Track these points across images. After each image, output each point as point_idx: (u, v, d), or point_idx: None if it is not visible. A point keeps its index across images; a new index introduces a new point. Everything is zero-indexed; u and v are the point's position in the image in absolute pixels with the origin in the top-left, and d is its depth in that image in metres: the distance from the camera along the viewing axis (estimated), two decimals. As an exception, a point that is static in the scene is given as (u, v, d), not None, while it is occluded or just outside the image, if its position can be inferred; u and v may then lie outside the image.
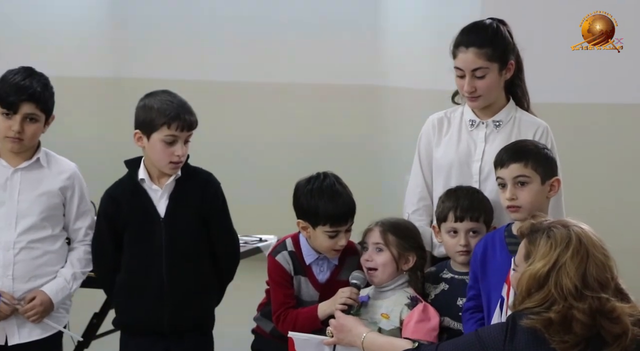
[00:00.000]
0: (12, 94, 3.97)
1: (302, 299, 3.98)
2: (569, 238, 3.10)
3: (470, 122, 4.12)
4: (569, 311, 3.02)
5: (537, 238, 3.15)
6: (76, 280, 4.16)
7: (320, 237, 3.92)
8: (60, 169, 4.15)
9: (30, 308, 4.04)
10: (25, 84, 3.99)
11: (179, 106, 4.07)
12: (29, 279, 4.06)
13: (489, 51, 3.97)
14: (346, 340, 3.62)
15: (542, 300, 3.06)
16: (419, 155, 4.21)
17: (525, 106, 4.16)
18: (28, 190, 4.06)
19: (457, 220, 3.89)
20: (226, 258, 4.22)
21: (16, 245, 4.04)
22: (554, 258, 3.08)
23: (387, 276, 3.87)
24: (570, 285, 3.03)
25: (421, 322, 3.74)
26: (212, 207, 4.13)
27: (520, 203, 3.69)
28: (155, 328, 4.09)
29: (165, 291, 4.05)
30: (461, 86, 4.04)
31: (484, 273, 3.76)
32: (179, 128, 4.03)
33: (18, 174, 4.06)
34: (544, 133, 4.07)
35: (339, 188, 3.93)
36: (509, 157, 3.74)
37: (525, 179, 3.70)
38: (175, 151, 4.03)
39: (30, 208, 4.05)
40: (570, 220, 3.19)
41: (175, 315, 4.07)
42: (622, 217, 6.83)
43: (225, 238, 4.20)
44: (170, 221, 4.06)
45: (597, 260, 3.08)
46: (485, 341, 3.13)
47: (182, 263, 4.06)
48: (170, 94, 4.12)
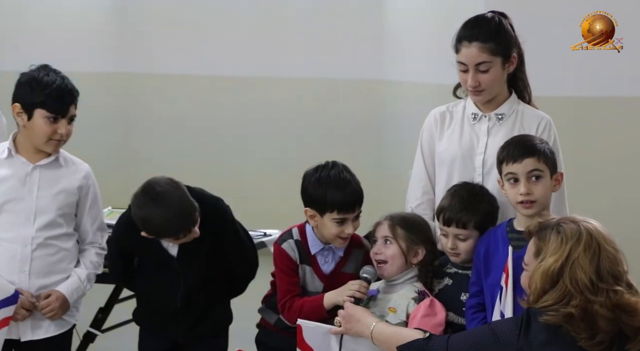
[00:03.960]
0: (61, 99, 4.01)
1: (307, 289, 4.00)
2: (579, 232, 3.10)
3: (473, 116, 4.12)
4: (589, 306, 3.01)
5: (547, 234, 3.14)
6: (90, 281, 4.20)
7: (327, 225, 3.93)
8: (76, 168, 4.17)
9: (47, 304, 4.06)
10: (68, 87, 4.04)
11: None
12: (44, 275, 4.08)
13: (492, 45, 3.97)
14: (354, 330, 3.62)
15: (559, 297, 3.05)
16: (422, 148, 4.21)
17: (527, 99, 4.16)
18: (47, 187, 4.08)
19: (445, 224, 3.90)
20: (241, 278, 4.29)
21: (34, 240, 4.05)
22: (566, 253, 3.07)
23: (396, 269, 3.89)
24: (585, 278, 3.03)
25: (427, 317, 3.75)
26: (223, 235, 4.16)
27: (535, 198, 3.69)
28: (169, 337, 4.21)
29: (181, 311, 4.14)
30: (464, 80, 4.04)
31: (487, 270, 3.76)
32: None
33: (37, 171, 4.07)
34: (547, 126, 4.06)
35: (347, 176, 3.95)
36: (522, 152, 3.73)
37: (540, 173, 3.70)
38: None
39: (49, 205, 4.07)
40: (577, 217, 3.19)
41: (190, 329, 4.17)
42: (622, 210, 6.84)
43: (240, 259, 4.25)
44: (183, 261, 4.10)
45: (609, 254, 3.08)
46: (499, 335, 3.12)
47: (199, 290, 4.14)
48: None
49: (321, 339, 3.70)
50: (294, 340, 3.79)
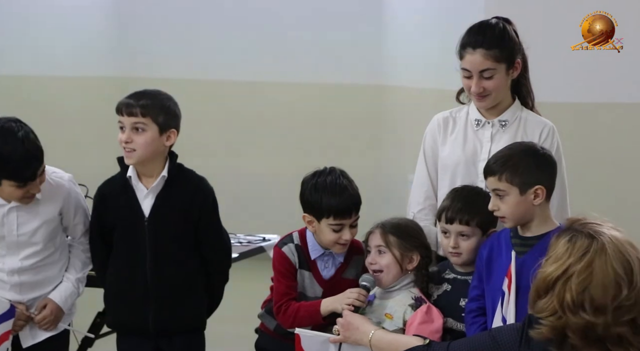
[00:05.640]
0: (25, 169, 3.90)
1: (306, 295, 3.99)
2: (586, 251, 2.96)
3: (476, 122, 4.11)
4: (565, 325, 2.93)
5: (562, 236, 3.07)
6: (81, 282, 4.20)
7: (325, 231, 3.93)
8: (54, 192, 4.08)
9: (42, 319, 4.08)
10: (31, 152, 3.92)
11: (135, 94, 4.05)
12: (36, 290, 4.10)
13: (496, 52, 3.96)
14: (353, 338, 3.61)
15: (552, 310, 3.01)
16: (424, 153, 4.20)
17: (530, 105, 4.15)
18: (26, 224, 4.04)
19: (447, 222, 3.88)
20: (217, 262, 4.22)
21: (21, 269, 4.06)
22: (564, 267, 3.00)
23: (391, 278, 3.87)
24: (569, 299, 2.92)
25: (424, 324, 3.74)
26: (201, 212, 4.11)
27: (502, 214, 3.69)
28: (141, 329, 4.11)
29: (149, 291, 4.06)
30: (468, 87, 4.03)
31: (489, 274, 3.75)
32: (120, 112, 4.02)
33: (14, 211, 4.02)
34: (550, 133, 4.06)
35: (344, 182, 3.94)
36: (487, 169, 3.74)
37: (501, 192, 3.68)
38: (120, 137, 4.02)
39: (31, 239, 4.05)
40: (608, 228, 3.03)
41: (160, 316, 4.09)
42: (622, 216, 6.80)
43: (214, 242, 4.19)
44: (154, 220, 4.06)
45: (603, 282, 2.91)
46: (500, 342, 3.09)
47: (166, 264, 4.07)
48: (146, 90, 4.10)
49: (319, 348, 3.69)
50: (293, 346, 3.77)
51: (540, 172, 3.71)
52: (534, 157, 3.73)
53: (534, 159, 3.72)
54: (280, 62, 8.75)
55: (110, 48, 9.00)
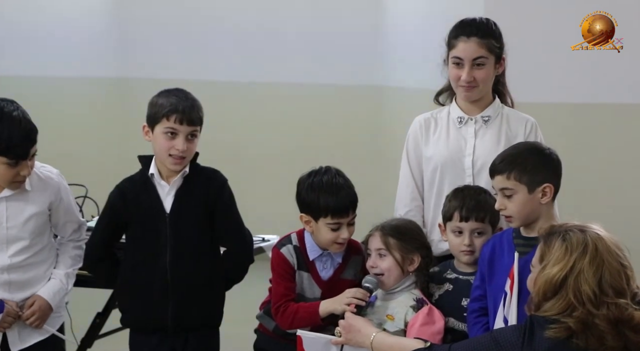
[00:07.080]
0: (19, 146, 3.94)
1: (305, 296, 3.99)
2: (585, 243, 3.07)
3: (459, 119, 4.17)
4: (589, 318, 3.00)
5: (553, 240, 3.12)
6: (70, 278, 4.21)
7: (322, 230, 3.93)
8: (44, 185, 4.12)
9: (31, 315, 4.08)
10: (25, 131, 3.97)
11: (183, 100, 4.06)
12: (25, 288, 4.11)
13: (490, 42, 4.06)
14: (354, 340, 3.62)
15: (562, 308, 3.04)
16: (407, 156, 4.24)
17: (510, 103, 4.24)
18: (15, 216, 4.05)
19: (462, 220, 3.89)
20: (235, 256, 4.22)
21: (10, 267, 4.06)
22: (570, 263, 3.04)
23: (393, 280, 3.87)
24: (589, 291, 3.01)
25: (425, 325, 3.75)
26: (216, 202, 4.13)
27: (509, 213, 3.69)
28: (159, 325, 4.10)
29: (169, 287, 4.07)
30: (457, 77, 4.08)
31: (491, 274, 3.75)
32: (177, 121, 4.03)
33: (3, 202, 4.04)
34: (533, 129, 4.13)
35: (340, 180, 3.95)
36: (493, 168, 3.74)
37: (509, 191, 3.68)
38: (175, 145, 4.03)
39: (20, 233, 4.06)
40: (589, 225, 3.16)
41: (179, 312, 4.09)
42: (621, 217, 6.82)
43: (234, 235, 4.20)
44: (175, 217, 4.08)
45: (612, 267, 3.06)
46: (502, 344, 3.10)
47: (186, 260, 4.08)
48: (180, 91, 4.12)
49: (321, 349, 3.70)
50: (292, 346, 3.79)
51: (547, 171, 3.73)
52: (541, 155, 3.75)
53: (541, 158, 3.74)
54: (279, 63, 8.75)
55: (110, 48, 9.01)
